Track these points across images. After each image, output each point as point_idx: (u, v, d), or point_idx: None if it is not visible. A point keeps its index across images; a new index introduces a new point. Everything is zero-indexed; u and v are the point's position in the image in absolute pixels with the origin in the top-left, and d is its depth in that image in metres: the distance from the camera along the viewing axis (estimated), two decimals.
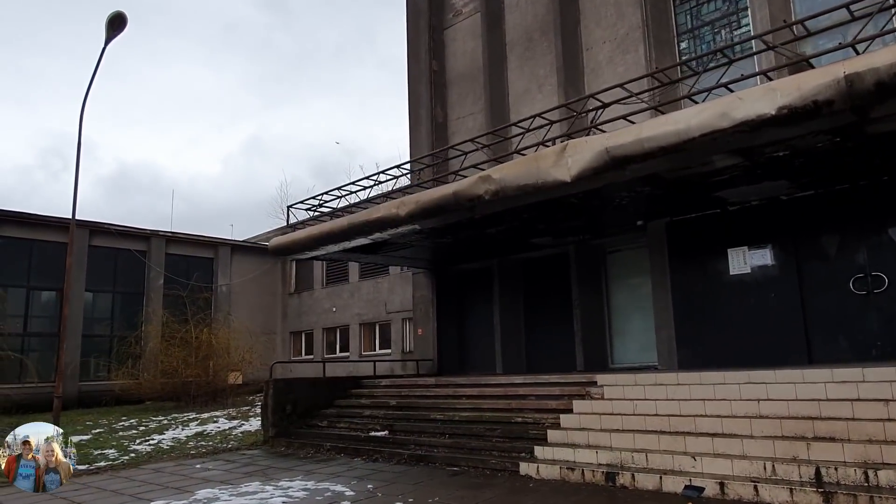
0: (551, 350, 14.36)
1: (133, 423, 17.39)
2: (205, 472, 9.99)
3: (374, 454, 10.37)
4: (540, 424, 9.41)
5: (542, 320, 14.72)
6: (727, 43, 12.36)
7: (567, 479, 7.87)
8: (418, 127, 17.55)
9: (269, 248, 13.79)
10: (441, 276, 16.43)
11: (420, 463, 9.58)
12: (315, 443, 11.64)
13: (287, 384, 12.82)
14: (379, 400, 12.74)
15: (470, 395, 11.46)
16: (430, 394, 12.17)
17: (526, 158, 9.12)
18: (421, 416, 11.24)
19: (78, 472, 10.41)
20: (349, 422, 12.21)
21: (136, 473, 10.13)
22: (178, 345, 21.90)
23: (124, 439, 14.07)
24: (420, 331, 16.57)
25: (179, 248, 29.46)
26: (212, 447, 12.43)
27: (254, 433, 14.01)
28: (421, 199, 10.35)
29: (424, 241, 12.78)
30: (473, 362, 15.89)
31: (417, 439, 10.39)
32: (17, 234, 24.91)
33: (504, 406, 10.44)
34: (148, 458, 11.61)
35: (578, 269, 13.66)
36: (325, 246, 12.53)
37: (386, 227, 11.11)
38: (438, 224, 10.88)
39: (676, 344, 11.33)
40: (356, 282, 28.59)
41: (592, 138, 8.37)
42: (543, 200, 9.71)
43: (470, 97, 16.87)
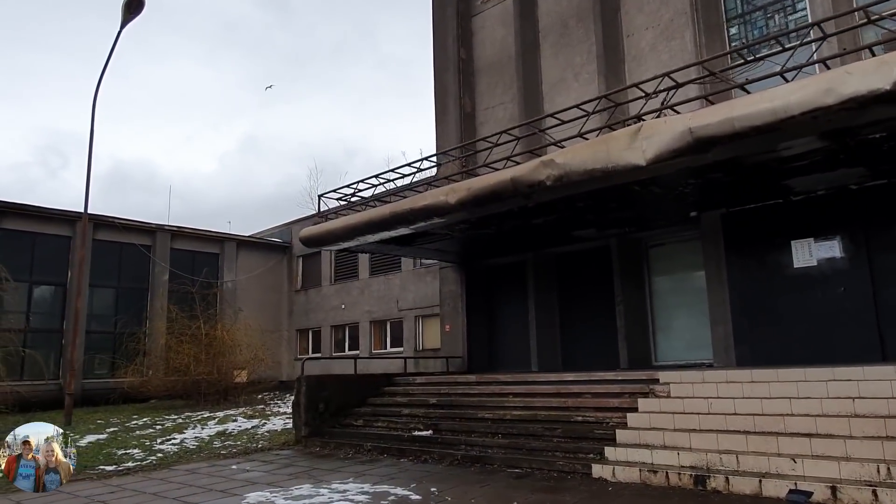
0: (589, 347, 13.87)
1: (146, 421, 16.74)
2: (244, 473, 9.41)
3: (422, 455, 9.82)
4: (604, 424, 8.90)
5: (579, 316, 14.22)
6: (781, 28, 11.91)
7: (648, 483, 7.36)
8: (445, 117, 17.01)
9: (301, 238, 13.19)
10: (470, 271, 15.89)
11: (475, 464, 9.03)
12: (353, 443, 11.07)
13: (319, 382, 12.24)
14: (416, 398, 12.19)
15: (518, 392, 10.93)
16: (473, 391, 11.63)
17: (594, 141, 8.61)
18: (467, 415, 10.70)
19: (106, 472, 9.83)
20: (387, 421, 11.65)
21: (169, 475, 9.53)
22: (188, 341, 21.24)
23: (144, 438, 13.44)
24: (448, 327, 16.03)
25: (185, 242, 28.75)
26: (242, 447, 11.83)
27: (281, 432, 13.42)
28: (473, 185, 9.81)
29: (465, 232, 12.25)
30: (504, 359, 15.38)
31: (468, 439, 9.85)
32: (18, 226, 24.11)
33: (559, 404, 9.91)
34: (177, 458, 11.00)
35: (621, 263, 13.17)
36: (361, 236, 11.96)
37: (432, 216, 10.57)
38: (488, 213, 10.34)
39: (734, 340, 10.85)
40: (366, 278, 27.99)
41: (672, 118, 7.87)
42: (603, 188, 9.23)
43: (500, 86, 16.35)
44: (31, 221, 23.89)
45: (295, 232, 32.14)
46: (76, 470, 10.01)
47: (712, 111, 7.45)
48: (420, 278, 25.63)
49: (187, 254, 28.71)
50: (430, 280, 25.11)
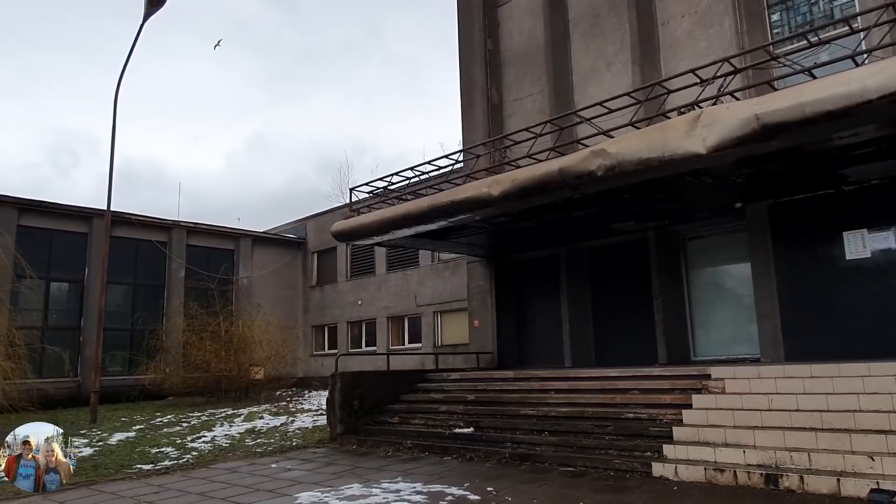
0: (624, 342, 13.62)
1: (171, 419, 16.57)
2: (286, 472, 9.20)
3: (466, 452, 9.59)
4: (658, 421, 8.65)
5: (613, 311, 13.96)
6: (826, 15, 11.60)
7: (715, 482, 7.11)
8: (471, 109, 16.74)
9: (333, 232, 12.95)
10: (499, 266, 15.64)
11: (524, 462, 8.81)
12: (391, 440, 10.85)
13: (354, 378, 12.02)
14: (453, 395, 11.96)
15: (560, 389, 10.69)
16: (512, 388, 11.40)
17: (649, 129, 8.34)
18: (509, 412, 10.47)
19: (145, 472, 9.64)
20: (425, 418, 11.43)
21: (210, 474, 9.33)
22: (209, 338, 21.07)
23: (174, 436, 13.26)
24: (476, 322, 15.80)
25: (200, 239, 28.60)
26: (276, 445, 11.62)
27: (313, 430, 13.22)
28: (518, 176, 9.56)
29: (502, 226, 12.00)
30: (535, 355, 15.13)
31: (513, 437, 9.62)
32: (35, 223, 23.95)
33: (606, 401, 9.67)
34: (213, 456, 10.80)
35: (659, 256, 12.90)
36: (397, 230, 11.72)
37: (472, 209, 10.32)
38: (531, 205, 10.08)
39: (783, 335, 10.58)
40: (383, 274, 27.79)
41: (735, 104, 7.60)
42: (653, 179, 8.96)
43: (528, 78, 16.07)
44: (48, 218, 23.76)
45: (310, 228, 31.96)
46: (114, 469, 9.88)
47: (780, 96, 7.18)
48: (438, 274, 25.42)
49: (203, 250, 28.59)
50: (448, 275, 24.90)
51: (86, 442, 12.76)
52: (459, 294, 24.33)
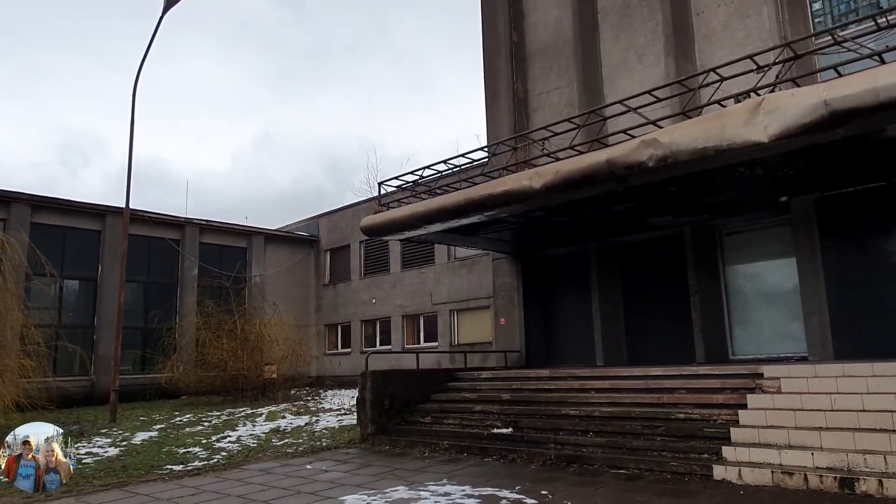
0: (657, 340, 13.30)
1: (190, 418, 16.29)
2: (323, 473, 8.90)
3: (507, 454, 9.28)
4: (713, 422, 8.33)
5: (646, 309, 13.64)
6: (870, 3, 11.26)
7: (784, 486, 6.79)
8: (496, 103, 16.42)
9: (362, 227, 12.65)
10: (526, 262, 15.32)
11: (572, 464, 8.49)
12: (425, 441, 10.54)
13: (385, 377, 11.71)
14: (486, 394, 11.64)
15: (600, 388, 10.37)
16: (548, 387, 11.08)
17: (705, 117, 8.02)
18: (548, 412, 10.15)
19: (176, 473, 9.34)
20: (459, 417, 11.12)
21: (244, 475, 9.02)
22: (226, 336, 20.79)
23: (198, 436, 12.98)
24: (503, 320, 15.49)
25: (213, 236, 28.36)
26: (307, 445, 11.32)
27: (340, 430, 12.93)
28: (562, 168, 9.24)
29: (537, 221, 11.68)
30: (563, 353, 14.82)
31: (556, 437, 9.30)
32: (49, 220, 23.70)
33: (653, 400, 9.35)
34: (243, 457, 10.49)
35: (695, 252, 12.57)
36: (429, 224, 11.40)
37: (511, 202, 10.00)
38: (572, 198, 9.77)
39: (832, 332, 10.24)
40: (398, 272, 27.50)
41: (800, 90, 7.27)
42: (702, 171, 8.65)
43: (554, 70, 15.75)
44: (61, 215, 23.53)
45: (322, 225, 31.66)
46: (144, 470, 9.59)
47: (850, 81, 6.84)
48: (455, 271, 25.12)
49: (215, 248, 28.36)
50: (465, 273, 24.60)
51: (109, 441, 12.49)
52: (476, 292, 24.05)
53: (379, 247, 28.38)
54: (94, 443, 12.35)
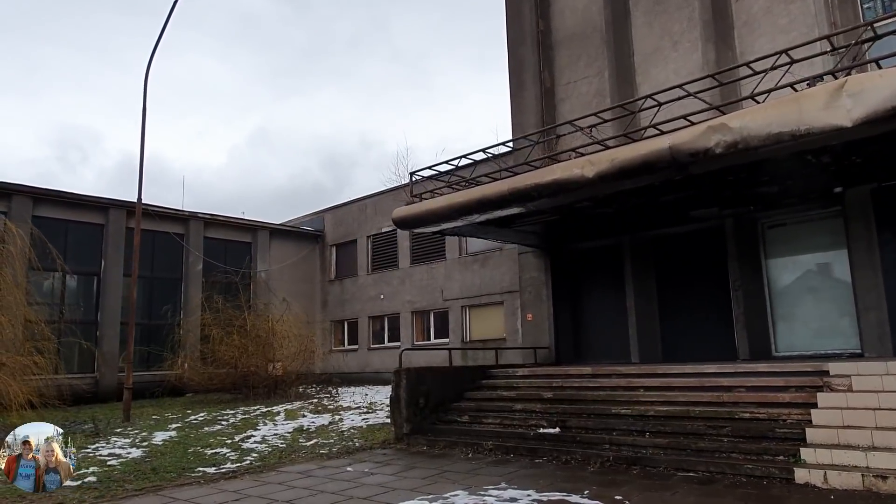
0: (694, 336, 12.92)
1: (205, 417, 15.77)
2: (368, 476, 8.44)
3: (559, 455, 8.85)
4: (782, 421, 7.94)
5: (683, 304, 13.24)
6: None
7: (877, 489, 6.39)
8: (521, 93, 15.97)
9: (395, 219, 12.16)
10: (555, 256, 14.89)
11: (633, 466, 8.07)
12: (466, 441, 10.10)
13: (419, 375, 11.26)
14: (526, 392, 11.22)
15: (649, 386, 9.97)
16: (592, 385, 10.66)
17: (779, 101, 7.60)
18: (597, 411, 9.73)
19: (210, 475, 8.85)
20: (499, 417, 10.69)
21: (284, 478, 8.55)
22: (237, 333, 20.25)
23: (220, 436, 12.48)
24: (530, 316, 15.06)
25: (217, 231, 27.78)
26: (341, 446, 10.83)
27: (368, 429, 12.45)
28: (617, 156, 8.81)
29: (580, 212, 11.23)
30: (594, 350, 14.42)
31: (611, 438, 8.89)
32: (51, 214, 23.05)
33: (711, 399, 8.95)
34: (276, 458, 10.00)
35: (738, 245, 12.19)
36: (468, 216, 10.94)
37: (559, 192, 9.56)
38: (625, 188, 9.32)
39: (890, 328, 9.87)
40: (407, 267, 27.02)
41: (888, 71, 6.86)
42: (762, 160, 8.24)
43: (583, 59, 15.31)
44: (63, 209, 22.91)
45: (328, 220, 31.12)
46: (176, 472, 9.09)
47: None
48: (467, 267, 24.68)
49: (220, 242, 27.81)
50: (477, 269, 24.17)
51: (128, 442, 11.98)
52: (489, 288, 23.63)
53: (387, 242, 27.93)
54: (114, 443, 11.84)
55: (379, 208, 28.63)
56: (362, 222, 29.36)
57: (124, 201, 24.70)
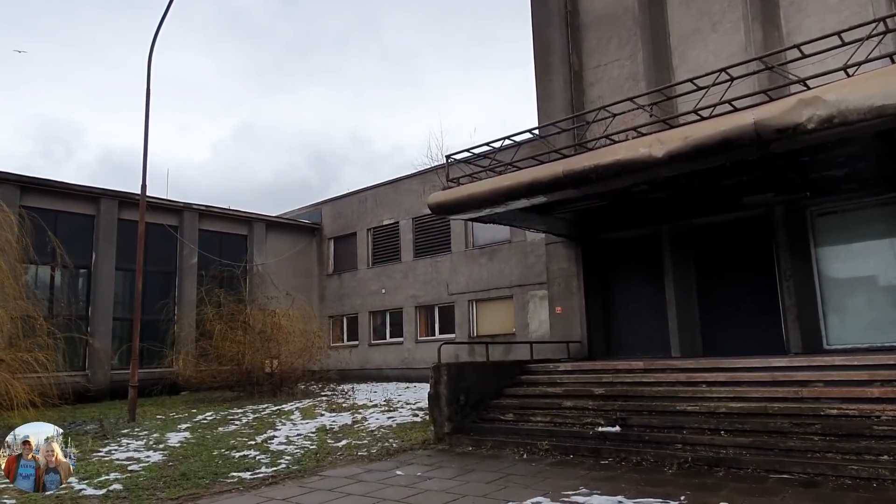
0: (738, 329, 12.37)
1: (213, 417, 14.92)
2: (425, 481, 7.72)
3: (627, 455, 8.21)
4: (876, 418, 7.37)
5: (723, 295, 12.68)
6: None
7: None
8: (548, 77, 15.29)
9: (431, 204, 11.42)
10: (586, 246, 14.25)
11: (716, 468, 7.44)
12: (516, 440, 9.43)
13: (460, 370, 10.54)
14: (573, 388, 10.56)
15: (713, 381, 9.37)
16: (647, 380, 10.05)
17: (881, 71, 7.03)
18: (659, 408, 9.11)
19: (248, 481, 8.07)
20: (548, 414, 10.02)
21: (331, 483, 7.79)
22: (241, 328, 19.37)
23: (239, 436, 11.67)
24: (559, 309, 14.41)
25: (213, 223, 26.78)
26: (378, 447, 10.06)
27: (400, 428, 11.72)
28: (692, 134, 8.17)
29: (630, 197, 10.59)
30: (628, 344, 13.81)
31: (683, 437, 8.27)
32: (39, 204, 21.87)
33: (788, 394, 8.37)
34: (314, 461, 9.20)
35: (788, 233, 11.65)
36: (514, 201, 10.23)
37: (621, 174, 8.91)
38: (693, 168, 8.69)
39: None
40: (410, 261, 26.28)
41: None
42: (843, 139, 7.67)
43: (614, 41, 14.67)
44: (52, 198, 21.80)
45: (325, 213, 30.23)
46: (208, 478, 8.29)
47: None
48: (474, 260, 24.03)
49: (215, 235, 26.81)
50: (485, 262, 23.52)
51: (142, 444, 11.12)
52: (497, 281, 23.00)
53: (389, 235, 27.17)
54: (126, 445, 10.98)
55: (380, 200, 27.86)
56: (362, 215, 28.54)
57: (116, 191, 23.64)
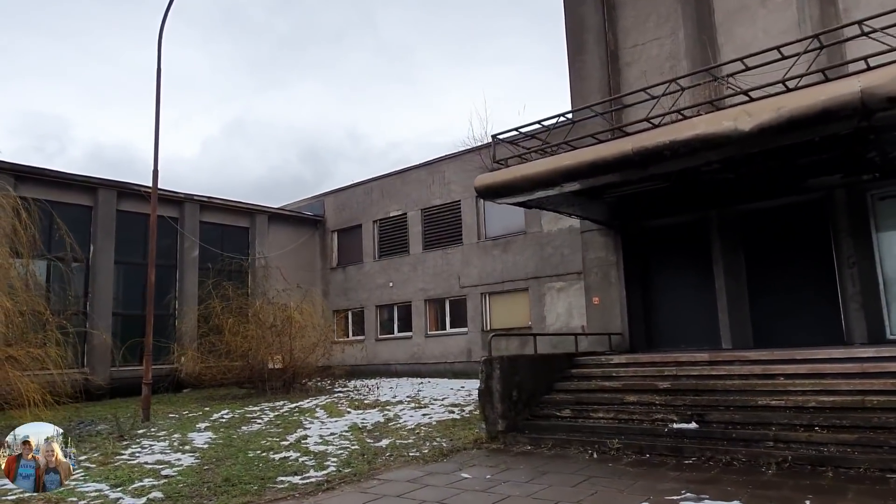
0: (793, 319, 11.79)
1: (230, 415, 14.11)
2: (500, 485, 7.00)
3: (715, 455, 7.54)
4: None
5: (776, 284, 12.09)
6: None
7: None
8: (581, 57, 14.60)
9: (478, 187, 10.64)
10: (625, 234, 13.60)
11: (821, 467, 6.79)
12: (579, 439, 8.75)
13: (512, 364, 9.83)
14: (632, 382, 9.90)
15: (791, 373, 8.76)
16: (716, 373, 9.41)
17: None
18: (738, 403, 8.47)
19: (300, 487, 7.30)
20: (610, 410, 9.34)
21: (395, 489, 7.05)
22: (253, 322, 18.53)
23: (268, 437, 10.89)
24: (596, 300, 13.75)
25: (214, 215, 25.87)
26: (431, 447, 9.31)
27: (442, 426, 10.99)
28: (786, 104, 7.50)
29: (699, 177, 9.92)
30: (669, 335, 13.18)
31: (774, 434, 7.61)
32: (34, 194, 20.73)
33: (886, 387, 7.74)
34: (365, 463, 8.42)
35: (851, 218, 11.06)
36: (570, 182, 9.52)
37: (700, 150, 8.23)
38: (777, 144, 8.03)
39: None
40: (419, 253, 25.52)
41: None
42: None
43: (652, 18, 14.00)
44: (47, 188, 20.75)
45: (328, 204, 29.35)
46: (255, 483, 7.51)
47: None
48: (486, 252, 23.33)
49: (216, 227, 25.90)
50: (498, 254, 22.84)
51: (166, 446, 10.32)
52: (512, 274, 22.32)
53: (396, 227, 26.38)
54: (149, 448, 10.17)
55: (386, 191, 27.05)
56: (368, 206, 27.70)
57: (115, 181, 22.70)
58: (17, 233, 11.80)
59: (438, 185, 25.25)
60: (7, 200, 12.11)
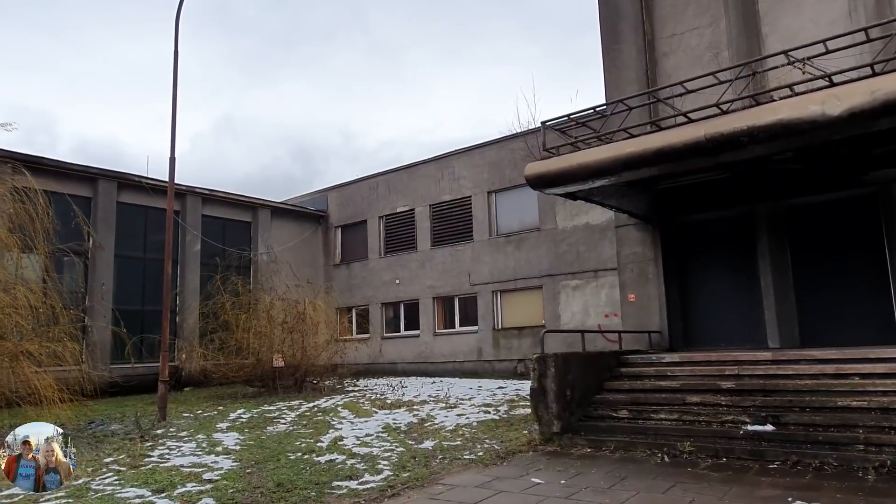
0: (842, 317, 11.40)
1: (247, 415, 13.47)
2: (580, 492, 6.48)
3: (801, 459, 7.10)
4: None
5: (823, 281, 11.68)
6: None
7: None
8: (616, 47, 14.13)
9: (528, 176, 10.08)
10: (664, 229, 13.15)
11: None
12: (644, 441, 8.28)
13: (566, 362, 9.31)
14: (691, 382, 9.44)
15: (867, 373, 8.33)
16: (784, 373, 8.96)
17: None
18: (814, 404, 8.02)
19: (362, 493, 6.75)
20: (673, 411, 8.86)
21: (467, 495, 6.50)
22: (265, 318, 17.87)
23: (299, 438, 10.30)
24: (632, 296, 13.29)
25: (216, 208, 25.16)
26: (485, 450, 8.74)
27: (486, 426, 10.46)
28: (881, 87, 7.06)
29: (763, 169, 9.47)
30: (710, 333, 12.73)
31: (864, 437, 7.18)
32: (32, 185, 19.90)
33: None
34: (423, 467, 7.82)
35: None
36: (630, 171, 9.01)
37: (782, 136, 7.77)
38: (866, 130, 7.59)
39: None
40: (427, 250, 24.97)
41: None
42: None
43: (692, 7, 13.57)
44: (45, 178, 19.79)
45: (332, 200, 28.70)
46: (311, 489, 6.92)
47: None
48: (498, 249, 22.85)
49: (218, 221, 25.19)
50: (511, 251, 22.37)
51: (194, 447, 9.69)
52: (525, 271, 21.87)
53: (403, 223, 25.81)
54: (178, 449, 9.54)
55: (393, 186, 26.46)
56: (373, 202, 27.09)
57: (114, 171, 21.91)
58: (34, 222, 11.12)
59: (448, 181, 24.72)
60: (21, 190, 11.41)
